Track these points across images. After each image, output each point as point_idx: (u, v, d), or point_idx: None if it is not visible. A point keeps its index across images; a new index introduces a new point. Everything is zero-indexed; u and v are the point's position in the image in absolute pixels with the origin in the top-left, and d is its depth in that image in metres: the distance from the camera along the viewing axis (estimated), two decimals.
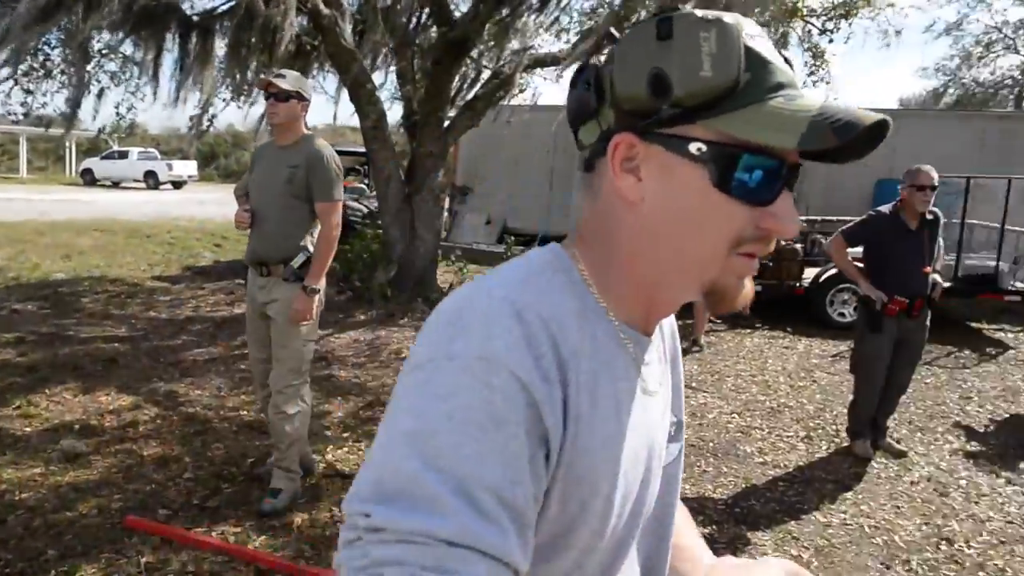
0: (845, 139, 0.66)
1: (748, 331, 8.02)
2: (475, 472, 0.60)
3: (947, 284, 8.30)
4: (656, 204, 0.72)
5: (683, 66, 0.68)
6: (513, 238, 10.89)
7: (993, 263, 8.28)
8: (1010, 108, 22.81)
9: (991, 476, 4.44)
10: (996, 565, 3.45)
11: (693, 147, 0.69)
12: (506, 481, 0.61)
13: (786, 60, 0.72)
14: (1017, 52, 24.23)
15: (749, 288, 0.75)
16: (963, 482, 4.35)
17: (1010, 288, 8.17)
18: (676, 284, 0.75)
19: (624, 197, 0.73)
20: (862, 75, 72.63)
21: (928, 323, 4.50)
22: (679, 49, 0.68)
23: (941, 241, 4.51)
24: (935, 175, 4.21)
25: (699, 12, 0.70)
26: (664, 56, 0.69)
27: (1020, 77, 24.81)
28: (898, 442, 4.85)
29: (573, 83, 0.77)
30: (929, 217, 4.29)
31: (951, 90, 25.69)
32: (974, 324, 8.94)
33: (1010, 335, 8.41)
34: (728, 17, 0.69)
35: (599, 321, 0.75)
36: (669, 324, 0.95)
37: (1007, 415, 5.68)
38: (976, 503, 4.08)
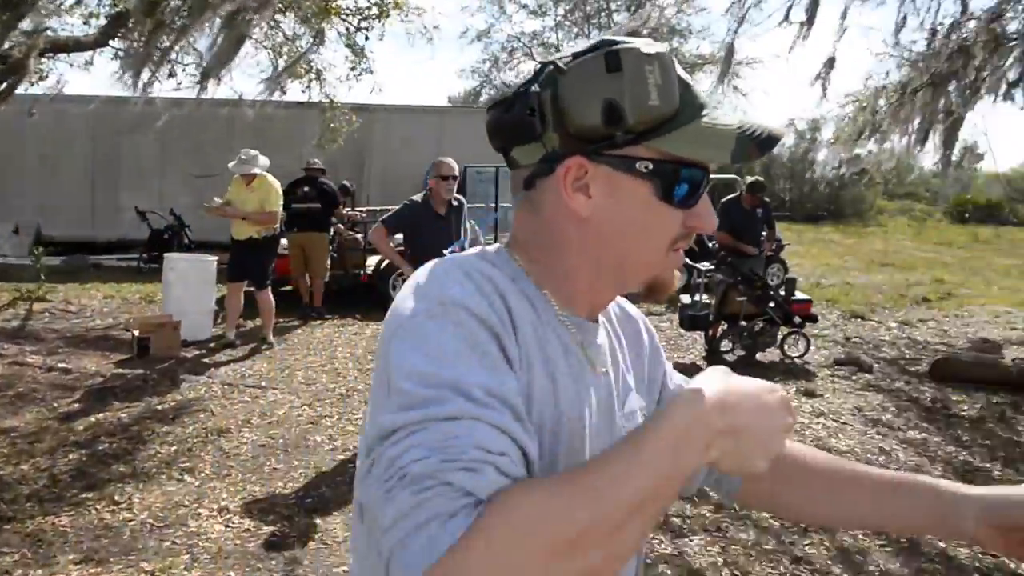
0: (765, 151, 0.79)
1: (318, 322, 8.14)
2: (463, 376, 0.68)
3: None
4: (605, 217, 0.80)
5: (634, 97, 0.76)
6: (42, 249, 9.53)
7: None
8: None
9: None
10: None
11: (640, 166, 0.79)
12: (492, 380, 0.69)
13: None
14: (533, 59, 28.43)
15: (677, 277, 0.88)
16: None
17: None
18: (621, 283, 0.86)
19: (575, 213, 0.80)
20: (411, 74, 78.39)
21: None
22: (629, 81, 0.76)
23: (469, 224, 5.09)
24: (455, 166, 4.72)
25: (639, 46, 0.78)
26: (615, 88, 0.76)
27: None
28: None
29: (507, 106, 0.82)
30: (455, 204, 4.81)
31: (486, 89, 29.12)
32: None
33: None
34: (661, 49, 0.79)
35: (538, 301, 0.83)
36: (641, 322, 1.04)
37: None
38: None
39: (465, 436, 0.65)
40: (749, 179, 7.34)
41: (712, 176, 0.85)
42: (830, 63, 6.92)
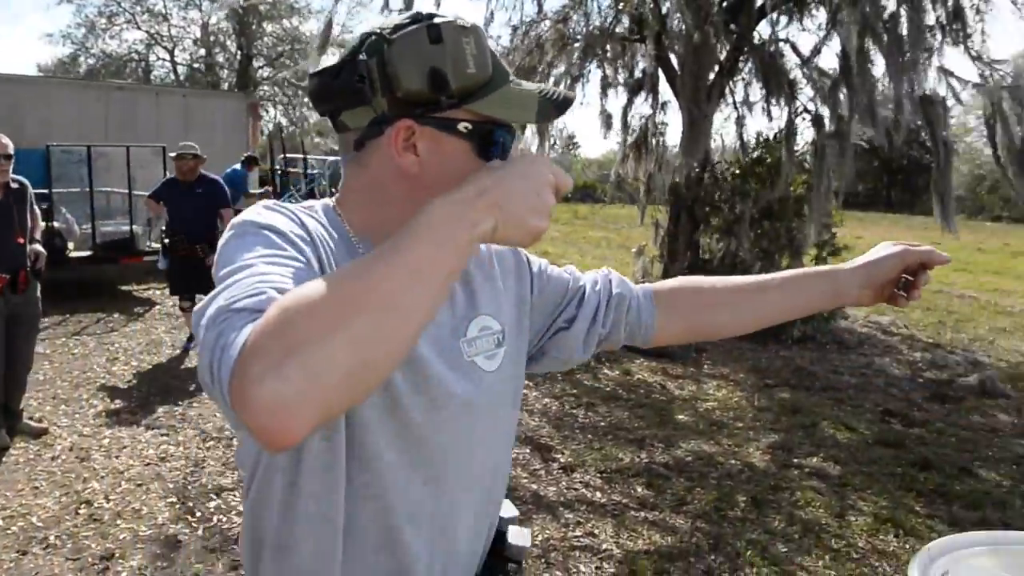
0: (562, 112, 0.94)
1: None
2: (252, 259, 0.79)
3: (88, 252, 8.44)
4: (431, 174, 0.89)
5: (455, 65, 0.86)
6: None
7: (128, 227, 8.68)
8: (131, 80, 24.12)
9: (132, 427, 4.70)
10: (134, 508, 3.68)
11: (461, 127, 0.89)
12: (280, 249, 0.82)
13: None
14: (139, 27, 25.82)
15: None
16: (106, 441, 4.48)
17: (147, 249, 8.72)
18: None
19: (405, 170, 0.90)
20: None
21: (39, 295, 4.41)
22: (451, 51, 0.86)
23: (37, 209, 4.43)
24: (10, 144, 4.06)
25: (455, 20, 0.88)
26: (438, 57, 0.85)
27: (145, 51, 26.61)
28: (40, 420, 4.68)
29: (334, 73, 0.90)
30: (15, 187, 4.15)
31: (84, 58, 25.77)
32: (124, 287, 9.29)
33: (157, 292, 9.01)
34: (474, 23, 0.90)
35: (350, 247, 0.94)
36: (491, 248, 1.09)
37: (150, 367, 6.10)
38: (117, 457, 4.26)
39: (248, 277, 0.75)
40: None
41: (335, 158, 0.95)
42: None
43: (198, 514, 3.64)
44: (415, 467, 0.97)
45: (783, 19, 6.94)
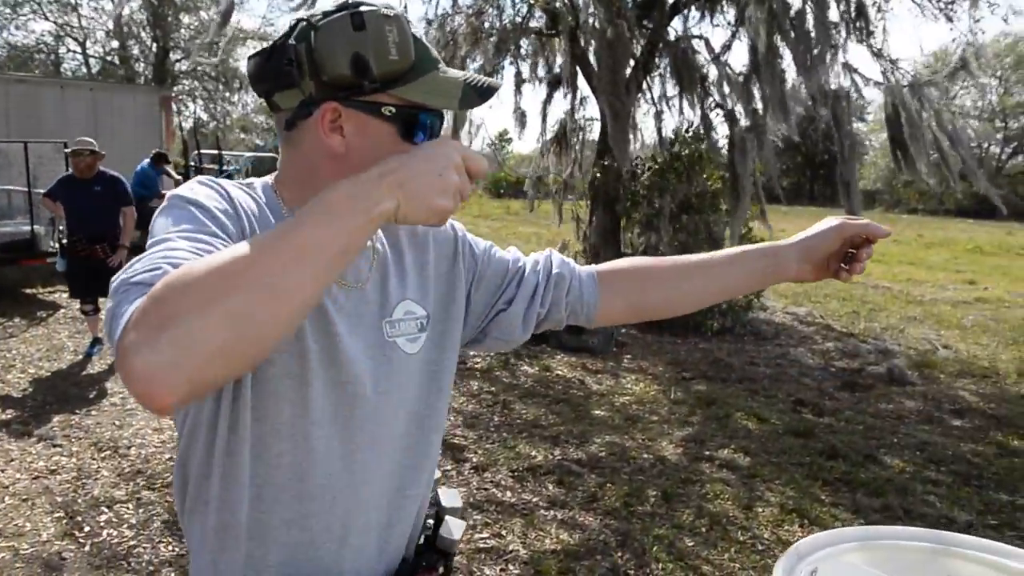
0: (486, 99, 0.97)
1: None
2: (171, 234, 0.83)
3: None
4: (357, 154, 0.94)
5: (377, 52, 0.90)
6: None
7: (28, 227, 8.25)
8: (40, 73, 23.04)
9: (22, 439, 4.44)
10: (16, 524, 3.46)
11: (384, 110, 0.93)
12: (196, 223, 0.85)
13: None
14: (47, 18, 24.65)
15: None
16: None
17: (49, 250, 8.30)
18: None
19: (331, 150, 0.94)
20: None
21: None
22: (373, 38, 0.89)
23: None
24: None
25: (379, 8, 0.91)
26: (361, 43, 0.89)
27: (54, 43, 25.42)
28: None
29: (266, 56, 0.95)
30: None
31: None
32: (29, 290, 8.84)
33: (63, 296, 8.60)
34: (398, 12, 0.93)
35: (281, 218, 0.98)
36: (431, 232, 1.14)
37: (48, 374, 5.79)
38: (3, 471, 4.01)
39: (155, 252, 0.78)
40: None
41: (256, 153, 0.86)
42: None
43: (86, 529, 3.45)
44: (327, 440, 1.00)
45: (695, 15, 7.02)
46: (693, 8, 7.01)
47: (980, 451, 4.83)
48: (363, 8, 0.91)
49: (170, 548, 3.29)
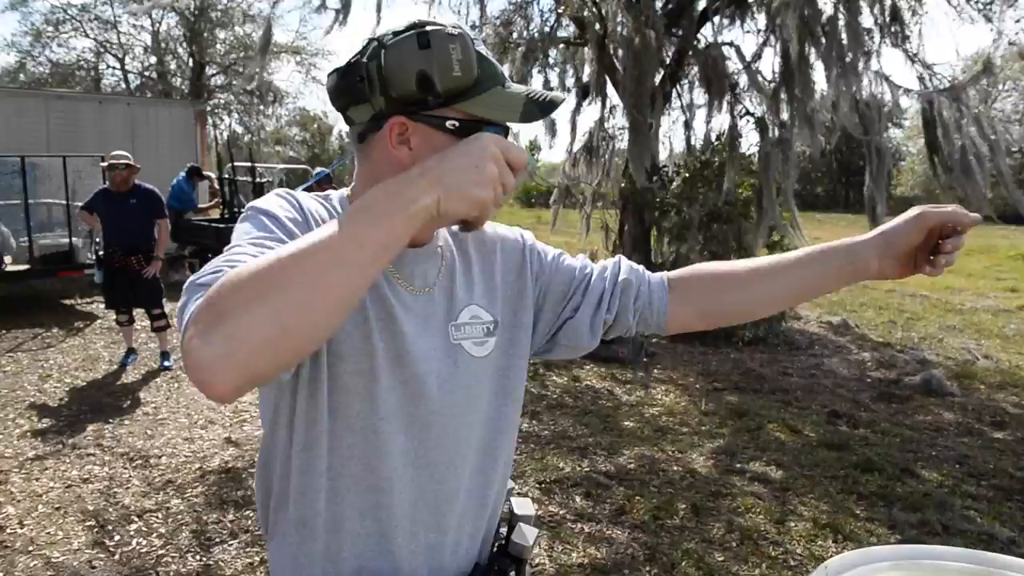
0: (547, 113, 1.00)
1: None
2: (242, 240, 0.90)
3: (25, 266, 8.17)
4: None
5: (441, 69, 0.94)
6: None
7: (67, 240, 8.42)
8: (80, 89, 23.56)
9: (57, 447, 4.52)
10: (48, 533, 3.51)
11: (448, 124, 0.97)
12: (267, 231, 0.92)
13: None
14: (87, 35, 25.26)
15: (491, 214, 0.98)
16: (28, 463, 4.30)
17: (87, 261, 8.47)
18: (438, 220, 0.89)
19: (399, 162, 0.98)
20: None
21: None
22: (437, 56, 0.94)
23: None
24: None
25: (445, 27, 0.96)
26: (427, 61, 0.94)
27: (94, 59, 26.04)
28: None
29: (341, 73, 1.01)
30: None
31: (31, 65, 25.14)
32: (67, 301, 9.03)
33: (99, 306, 8.77)
34: (463, 31, 0.97)
35: None
36: (499, 241, 1.20)
37: (84, 383, 5.89)
38: (37, 480, 4.08)
39: (220, 258, 0.85)
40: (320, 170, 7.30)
41: (287, 165, 0.86)
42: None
43: (116, 538, 3.48)
44: (394, 435, 1.05)
45: (725, 22, 6.95)
46: (723, 16, 6.94)
47: (1023, 465, 4.68)
48: (429, 28, 0.96)
49: (197, 558, 3.31)
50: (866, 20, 6.12)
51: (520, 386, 1.19)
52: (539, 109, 1.01)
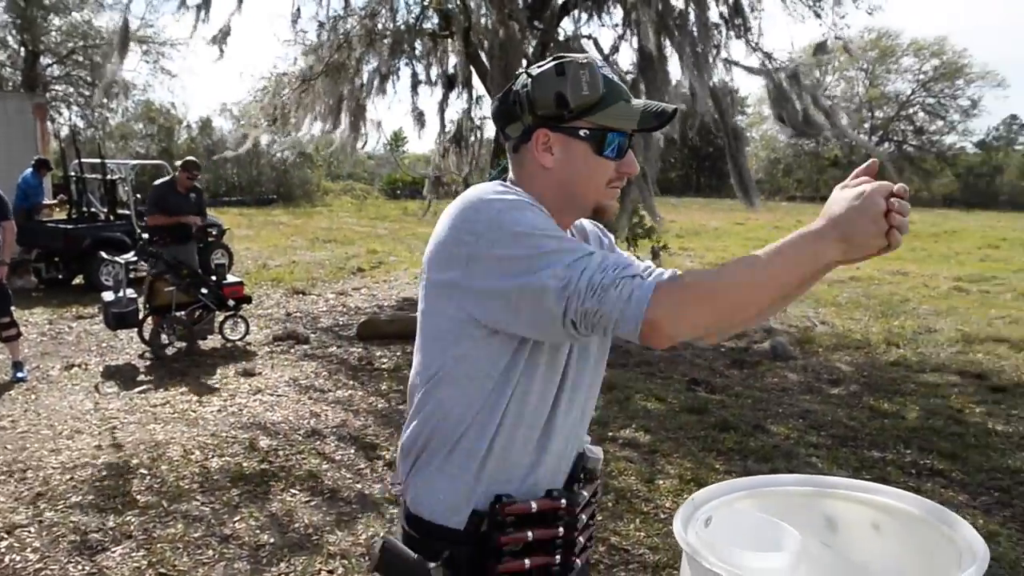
0: (661, 121, 1.30)
1: None
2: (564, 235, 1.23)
3: None
4: (562, 167, 1.30)
5: (573, 89, 1.25)
6: None
7: None
8: None
9: None
10: None
11: (581, 132, 1.28)
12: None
13: (621, 78, 1.35)
14: None
15: (616, 204, 1.39)
16: None
17: None
18: (576, 209, 1.36)
19: (544, 165, 1.30)
20: None
21: None
22: (570, 80, 1.25)
23: None
24: None
25: (578, 58, 1.28)
26: (562, 84, 1.25)
27: None
28: None
29: (502, 99, 1.34)
30: None
31: None
32: None
33: None
34: (592, 60, 1.29)
35: None
36: (592, 228, 1.53)
37: None
38: None
39: (613, 259, 1.16)
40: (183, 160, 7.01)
41: (139, 161, 0.88)
42: (222, 36, 6.99)
43: None
44: (563, 392, 1.36)
45: (584, 16, 7.27)
46: (582, 10, 7.26)
47: (855, 415, 5.27)
48: (565, 60, 1.27)
49: (80, 567, 3.22)
50: (713, 15, 6.62)
51: (606, 355, 1.50)
52: (654, 117, 1.29)
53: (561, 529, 1.36)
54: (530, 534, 1.32)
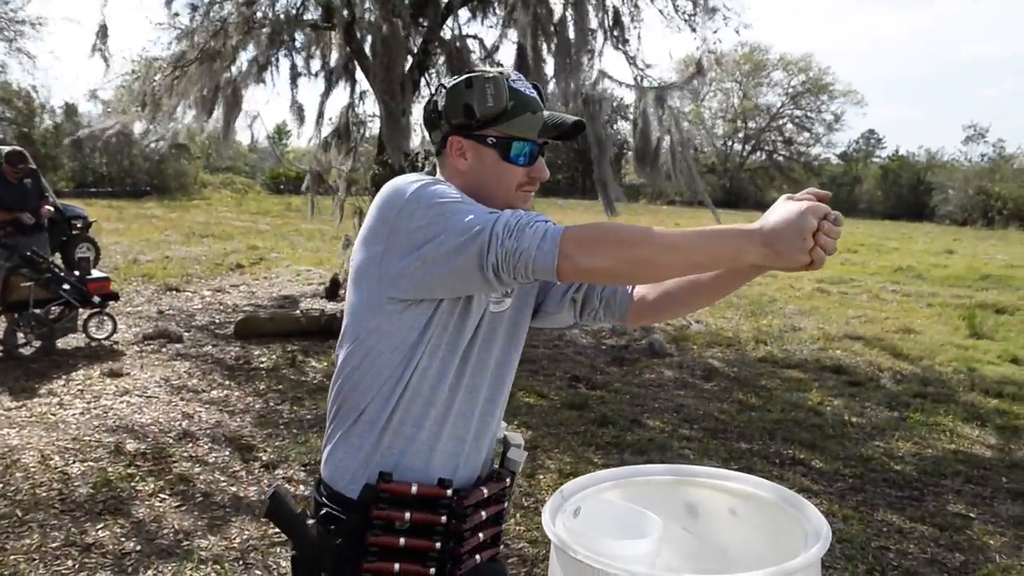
0: (559, 131, 1.42)
1: None
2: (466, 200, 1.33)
3: None
4: (474, 171, 1.42)
5: (480, 101, 1.37)
6: None
7: None
8: None
9: None
10: None
11: (489, 140, 1.40)
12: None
13: (536, 88, 1.47)
14: None
15: (529, 207, 1.45)
16: None
17: None
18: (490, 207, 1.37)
19: (459, 169, 1.43)
20: None
21: None
22: (477, 93, 1.38)
23: None
24: None
25: (485, 72, 1.41)
26: (470, 96, 1.38)
27: None
28: None
29: (425, 110, 1.48)
30: None
31: None
32: None
33: None
34: (497, 74, 1.41)
35: None
36: None
37: None
38: None
39: (524, 212, 1.28)
40: (6, 149, 6.50)
41: None
42: (103, 32, 6.61)
43: None
44: (454, 364, 1.41)
45: (467, 15, 7.28)
46: (466, 8, 7.26)
47: (725, 409, 5.54)
48: (474, 74, 1.40)
49: None
50: (592, 22, 6.77)
51: (523, 336, 1.56)
52: (552, 128, 1.40)
53: (444, 518, 1.40)
54: (407, 515, 1.37)
